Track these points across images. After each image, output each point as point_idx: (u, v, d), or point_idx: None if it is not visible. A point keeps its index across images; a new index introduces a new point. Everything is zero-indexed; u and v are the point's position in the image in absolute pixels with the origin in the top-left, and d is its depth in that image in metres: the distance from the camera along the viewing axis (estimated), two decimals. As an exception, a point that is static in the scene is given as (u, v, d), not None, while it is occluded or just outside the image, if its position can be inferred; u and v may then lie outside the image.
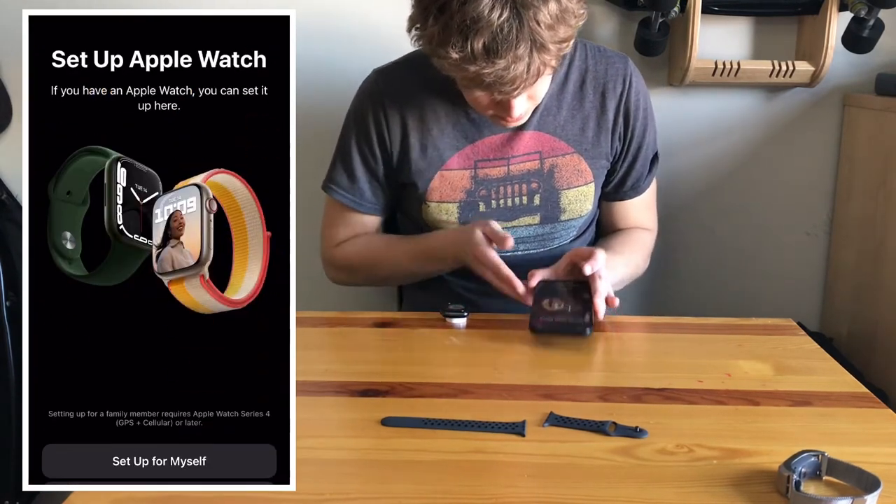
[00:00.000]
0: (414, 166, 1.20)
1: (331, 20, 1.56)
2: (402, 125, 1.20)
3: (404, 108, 1.19)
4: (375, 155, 1.22)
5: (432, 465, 0.76)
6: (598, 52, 1.22)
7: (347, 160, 1.24)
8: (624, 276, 1.23)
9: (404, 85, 1.20)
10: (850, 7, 1.44)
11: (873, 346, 1.48)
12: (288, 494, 0.69)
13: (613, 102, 1.21)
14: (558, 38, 0.98)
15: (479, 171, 1.20)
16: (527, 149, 1.19)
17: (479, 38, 0.93)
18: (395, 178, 1.24)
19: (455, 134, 1.19)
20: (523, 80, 0.98)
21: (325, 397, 0.91)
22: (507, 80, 0.97)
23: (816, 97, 1.59)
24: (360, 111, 1.23)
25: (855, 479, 0.71)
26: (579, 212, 1.23)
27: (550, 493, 0.71)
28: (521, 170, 1.20)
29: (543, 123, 1.19)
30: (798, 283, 1.69)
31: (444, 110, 1.19)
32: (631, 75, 1.21)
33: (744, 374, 0.95)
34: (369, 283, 1.36)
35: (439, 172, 1.20)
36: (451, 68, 0.99)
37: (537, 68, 0.98)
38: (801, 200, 1.65)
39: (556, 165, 1.20)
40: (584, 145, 1.21)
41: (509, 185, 1.20)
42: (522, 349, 1.05)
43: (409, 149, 1.20)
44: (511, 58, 0.95)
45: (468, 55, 0.95)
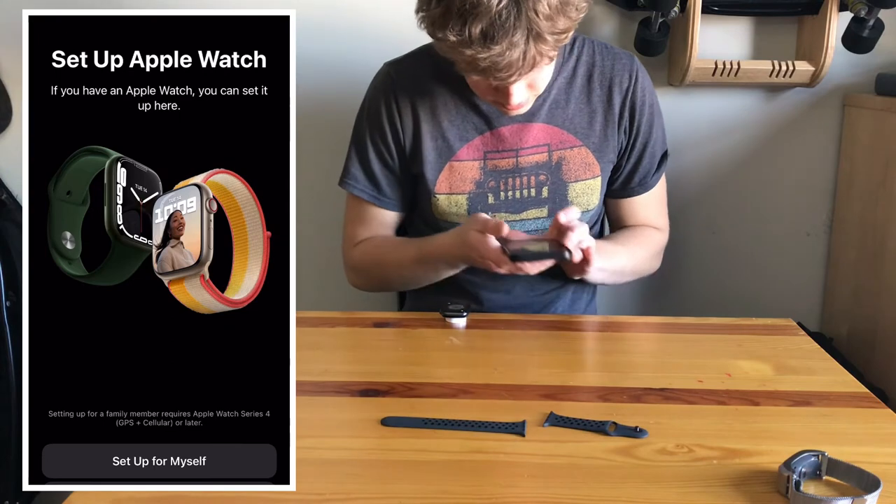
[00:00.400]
0: (425, 156, 1.21)
1: (333, 17, 1.56)
2: (413, 115, 1.21)
3: (415, 99, 1.20)
4: (390, 147, 1.23)
5: (432, 465, 0.76)
6: (605, 49, 1.23)
7: (363, 154, 1.24)
8: (624, 265, 1.22)
9: (415, 76, 1.21)
10: (850, 7, 1.44)
11: (873, 346, 1.48)
12: (288, 494, 0.69)
13: (619, 98, 1.21)
14: (557, 30, 0.98)
15: (488, 161, 1.21)
16: (536, 141, 1.20)
17: (478, 22, 0.94)
18: (409, 171, 1.24)
19: (465, 125, 1.20)
20: (518, 68, 0.99)
21: (325, 397, 0.91)
22: (502, 67, 0.98)
23: (816, 97, 1.59)
24: (373, 104, 1.24)
25: (855, 479, 0.71)
26: (586, 205, 1.23)
27: (550, 493, 0.71)
28: (530, 162, 1.21)
29: (552, 116, 1.20)
30: (798, 283, 1.69)
31: (454, 101, 1.20)
32: (637, 72, 1.22)
33: (744, 374, 0.95)
34: (382, 287, 1.35)
35: (449, 163, 1.20)
36: (449, 51, 1.00)
37: (532, 57, 0.98)
38: (801, 200, 1.65)
39: (564, 158, 1.21)
40: (592, 139, 1.22)
41: (518, 176, 1.21)
42: (522, 349, 1.05)
43: (420, 139, 1.20)
44: (506, 44, 0.95)
45: (465, 39, 0.96)
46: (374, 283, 1.32)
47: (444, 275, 1.22)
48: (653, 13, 1.46)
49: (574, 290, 1.29)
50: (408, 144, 1.22)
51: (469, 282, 1.25)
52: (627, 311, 1.69)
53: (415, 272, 1.23)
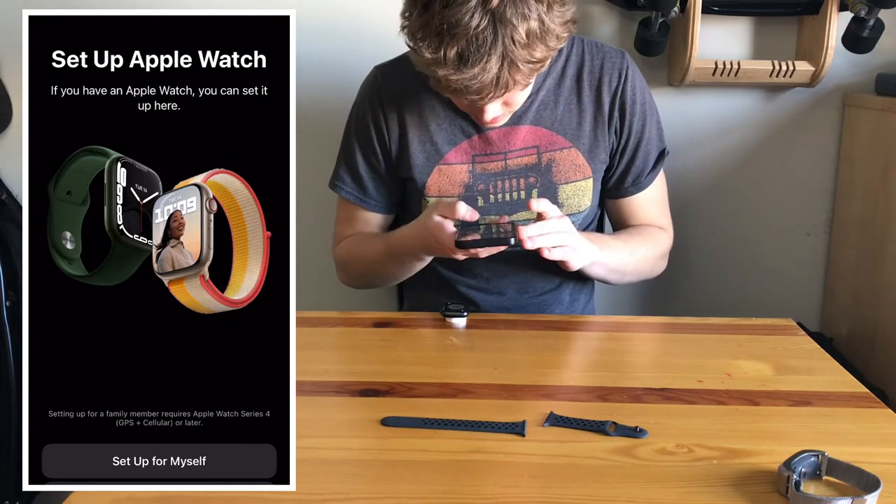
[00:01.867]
0: (413, 160, 1.21)
1: (333, 18, 1.56)
2: (399, 119, 1.21)
3: (402, 104, 1.21)
4: (375, 150, 1.24)
5: (432, 465, 0.76)
6: (595, 48, 1.23)
7: (350, 157, 1.26)
8: (626, 260, 1.21)
9: (403, 80, 1.21)
10: (850, 7, 1.44)
11: (873, 346, 1.48)
12: (288, 494, 0.69)
13: (609, 96, 1.21)
14: (533, 58, 0.98)
15: (476, 165, 1.21)
16: (524, 143, 1.20)
17: (454, 43, 0.94)
18: (396, 174, 1.25)
19: (452, 128, 1.20)
20: (490, 92, 0.99)
21: (325, 397, 0.91)
22: (474, 90, 0.98)
23: (816, 97, 1.59)
24: (359, 108, 1.25)
25: (855, 479, 0.71)
26: (577, 207, 1.23)
27: (550, 493, 0.71)
28: (519, 164, 1.20)
29: (540, 118, 1.20)
30: (798, 283, 1.69)
31: (441, 105, 1.20)
32: (627, 69, 1.21)
33: (744, 374, 0.95)
34: (364, 282, 1.36)
35: (437, 167, 1.21)
36: (423, 66, 1.00)
37: (505, 82, 0.98)
38: (801, 200, 1.65)
39: (553, 160, 1.21)
40: (582, 139, 1.21)
41: (507, 179, 1.21)
42: (522, 349, 1.05)
43: (407, 143, 1.21)
44: (479, 69, 0.96)
45: (440, 58, 0.96)
46: (356, 279, 1.34)
47: (410, 266, 1.23)
48: (653, 13, 1.46)
49: (571, 292, 1.29)
50: (394, 148, 1.22)
51: (464, 283, 1.26)
52: (627, 311, 1.69)
53: (384, 265, 1.24)
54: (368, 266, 1.27)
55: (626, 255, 1.21)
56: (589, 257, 1.13)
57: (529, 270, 1.25)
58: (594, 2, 1.53)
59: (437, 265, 1.29)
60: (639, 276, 1.26)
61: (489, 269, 1.24)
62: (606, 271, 1.19)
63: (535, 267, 1.23)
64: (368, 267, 1.27)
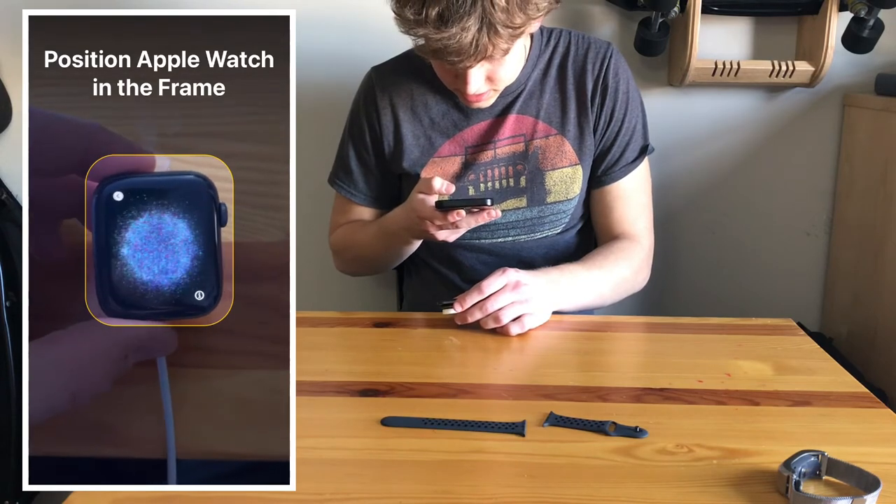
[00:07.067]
0: (407, 155, 1.26)
1: (334, 17, 1.56)
2: (394, 117, 1.26)
3: (395, 100, 1.26)
4: (368, 147, 1.29)
5: (432, 465, 0.76)
6: (581, 38, 1.27)
7: (344, 154, 1.33)
8: (601, 289, 1.19)
9: (397, 79, 1.27)
10: (850, 7, 1.44)
11: (873, 346, 1.48)
12: (288, 494, 0.69)
13: (591, 82, 1.24)
14: (512, 24, 1.01)
15: (468, 156, 1.25)
16: (512, 132, 1.24)
17: (436, 4, 0.98)
18: (391, 170, 1.30)
19: (445, 122, 1.25)
20: (469, 54, 1.02)
21: (325, 397, 0.91)
22: (452, 51, 1.01)
23: (816, 97, 1.59)
24: (355, 107, 1.32)
25: (855, 479, 0.71)
26: (565, 194, 1.25)
27: (550, 493, 0.71)
28: (507, 152, 1.24)
29: (526, 107, 1.24)
30: (798, 283, 1.69)
31: (434, 100, 1.25)
32: (610, 57, 1.24)
33: (744, 374, 0.95)
34: (358, 268, 1.40)
35: (432, 159, 1.25)
36: (407, 29, 1.04)
37: (484, 45, 1.01)
38: (801, 200, 1.65)
39: (539, 147, 1.24)
40: (568, 127, 1.24)
41: (496, 167, 1.25)
42: (522, 349, 1.05)
43: (402, 138, 1.26)
44: (458, 28, 0.99)
45: (421, 18, 0.99)
46: (350, 264, 1.38)
47: (398, 250, 1.25)
48: (653, 13, 1.46)
49: None
50: (389, 144, 1.27)
51: (464, 283, 1.26)
52: (627, 311, 1.69)
53: (375, 248, 1.27)
54: (361, 250, 1.31)
55: (599, 283, 1.19)
56: (549, 310, 1.11)
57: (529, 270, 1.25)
58: (594, 2, 1.53)
59: (437, 264, 1.32)
60: (620, 297, 1.24)
61: (489, 268, 1.24)
62: (580, 307, 1.17)
63: (534, 267, 1.23)
64: (361, 251, 1.31)
